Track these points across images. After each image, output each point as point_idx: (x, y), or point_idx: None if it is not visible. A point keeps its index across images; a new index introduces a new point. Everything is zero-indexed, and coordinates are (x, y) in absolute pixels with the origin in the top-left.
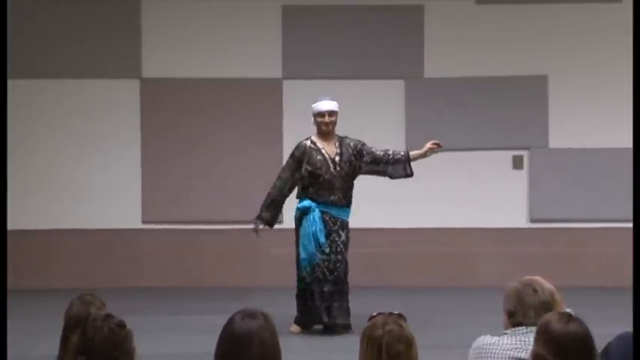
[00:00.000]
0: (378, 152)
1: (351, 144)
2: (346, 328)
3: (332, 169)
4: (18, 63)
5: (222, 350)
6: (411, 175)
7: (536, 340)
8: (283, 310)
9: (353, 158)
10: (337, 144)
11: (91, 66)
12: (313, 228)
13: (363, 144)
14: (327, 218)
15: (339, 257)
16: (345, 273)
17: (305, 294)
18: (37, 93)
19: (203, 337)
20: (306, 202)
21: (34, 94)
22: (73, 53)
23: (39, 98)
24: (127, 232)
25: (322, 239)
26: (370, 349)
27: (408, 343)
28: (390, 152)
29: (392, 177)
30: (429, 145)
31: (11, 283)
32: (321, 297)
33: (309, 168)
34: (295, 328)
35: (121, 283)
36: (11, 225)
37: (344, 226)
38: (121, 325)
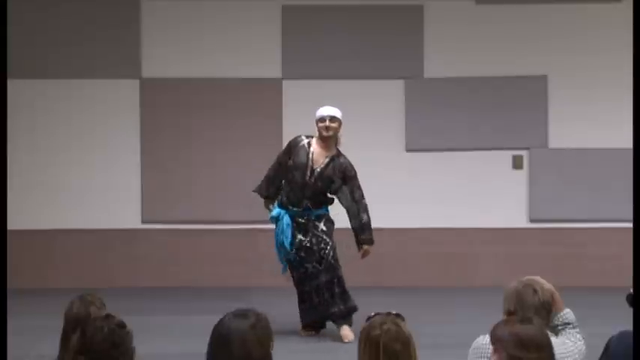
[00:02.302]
0: (349, 197)
1: (343, 166)
2: (352, 311)
3: (307, 177)
4: (18, 63)
5: (210, 348)
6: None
7: (497, 350)
8: (283, 310)
9: (336, 178)
10: (328, 158)
11: (91, 66)
12: (281, 238)
13: (354, 176)
14: (298, 218)
15: (322, 245)
16: (335, 257)
17: (302, 295)
18: (37, 93)
19: (202, 337)
20: (275, 212)
21: (34, 94)
22: (73, 53)
23: (39, 98)
24: (126, 232)
25: (289, 247)
26: (368, 349)
27: (406, 343)
28: (364, 217)
29: (344, 206)
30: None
31: (11, 283)
32: (319, 291)
33: (290, 163)
34: (303, 332)
35: (121, 283)
36: (11, 225)
37: (320, 217)
38: (121, 325)
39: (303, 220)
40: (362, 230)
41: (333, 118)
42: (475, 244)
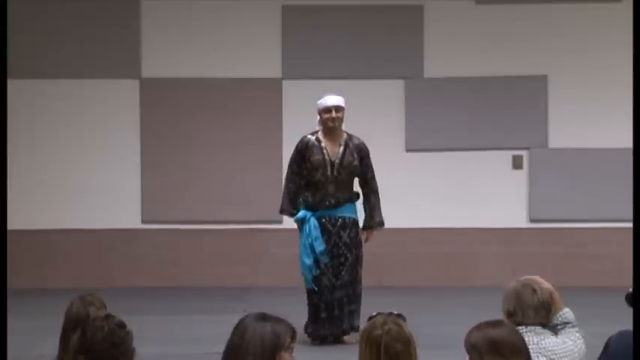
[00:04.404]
0: (369, 178)
1: (359, 147)
2: (352, 330)
3: (328, 172)
4: (18, 63)
5: (228, 341)
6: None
7: (473, 358)
8: (282, 310)
9: (357, 162)
10: (342, 145)
11: (91, 66)
12: (309, 240)
13: (368, 155)
14: (325, 221)
15: (342, 260)
16: (352, 275)
17: (310, 305)
18: (37, 93)
19: (202, 337)
20: (301, 214)
21: (34, 94)
22: (73, 53)
23: (39, 98)
24: (126, 232)
25: (320, 248)
26: (369, 349)
27: (407, 343)
28: (372, 199)
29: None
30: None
31: (11, 283)
32: (330, 306)
33: (308, 165)
34: (305, 338)
35: (121, 283)
36: (11, 225)
37: (345, 225)
38: (121, 326)
39: (328, 225)
40: (371, 212)
41: (338, 108)
42: (475, 244)
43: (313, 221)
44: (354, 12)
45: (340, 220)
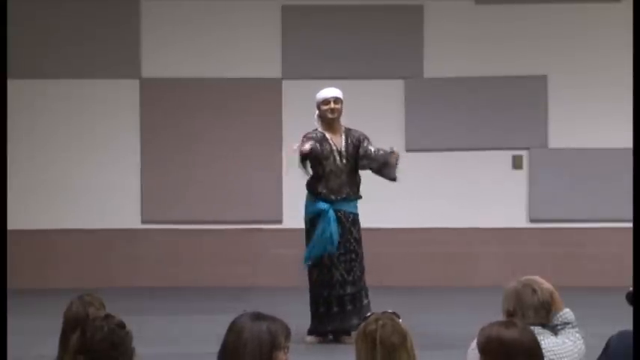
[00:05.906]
0: (370, 148)
1: (356, 135)
2: None
3: (338, 162)
4: (18, 63)
5: (223, 347)
6: (394, 179)
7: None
8: (282, 310)
9: (355, 150)
10: (344, 135)
11: (91, 66)
12: (328, 233)
13: (365, 137)
14: (341, 215)
15: (354, 256)
16: (362, 271)
17: (319, 300)
18: (37, 93)
19: (202, 337)
20: (320, 205)
21: (34, 94)
22: (73, 53)
23: (39, 98)
24: (126, 232)
25: (336, 242)
26: (365, 345)
27: (403, 337)
28: (381, 151)
29: (379, 173)
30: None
31: (11, 283)
32: (341, 301)
33: (319, 156)
34: (311, 339)
35: (121, 283)
36: (11, 225)
37: (355, 221)
38: (121, 326)
39: (343, 219)
40: (384, 156)
41: (337, 100)
42: (475, 244)
43: (332, 214)
44: (354, 12)
45: (352, 215)
